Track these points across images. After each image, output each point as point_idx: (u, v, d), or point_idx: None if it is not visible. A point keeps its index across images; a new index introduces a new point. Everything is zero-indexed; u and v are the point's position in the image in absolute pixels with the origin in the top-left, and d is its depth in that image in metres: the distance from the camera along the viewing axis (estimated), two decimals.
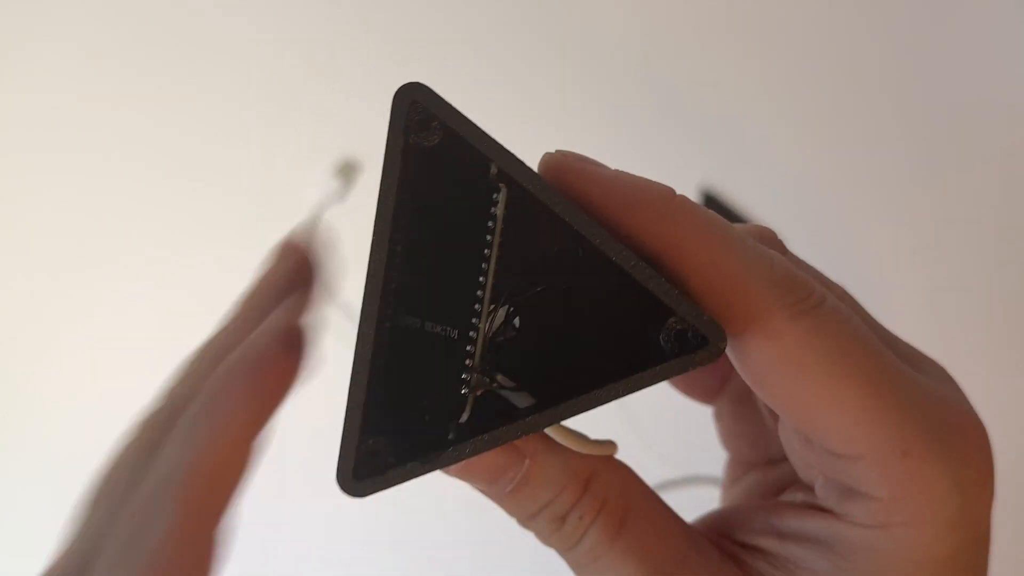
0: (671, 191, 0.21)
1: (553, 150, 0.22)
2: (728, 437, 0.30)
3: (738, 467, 0.29)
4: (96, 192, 0.63)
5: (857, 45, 0.61)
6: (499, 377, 0.20)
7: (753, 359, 0.20)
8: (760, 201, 0.58)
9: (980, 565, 0.21)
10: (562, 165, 0.21)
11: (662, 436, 0.55)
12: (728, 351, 0.21)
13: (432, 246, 0.21)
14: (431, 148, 0.20)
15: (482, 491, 0.22)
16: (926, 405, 0.20)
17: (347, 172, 0.61)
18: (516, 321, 0.21)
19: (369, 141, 0.61)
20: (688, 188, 0.58)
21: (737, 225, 0.23)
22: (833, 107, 0.61)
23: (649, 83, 0.61)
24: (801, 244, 0.28)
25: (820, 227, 0.59)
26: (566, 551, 0.23)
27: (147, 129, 0.64)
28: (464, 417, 0.20)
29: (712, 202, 0.58)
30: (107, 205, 0.63)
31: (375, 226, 0.20)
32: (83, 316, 0.62)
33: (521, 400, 0.21)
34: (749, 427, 0.28)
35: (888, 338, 0.23)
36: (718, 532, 0.24)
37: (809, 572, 0.21)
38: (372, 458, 0.20)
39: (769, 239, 0.24)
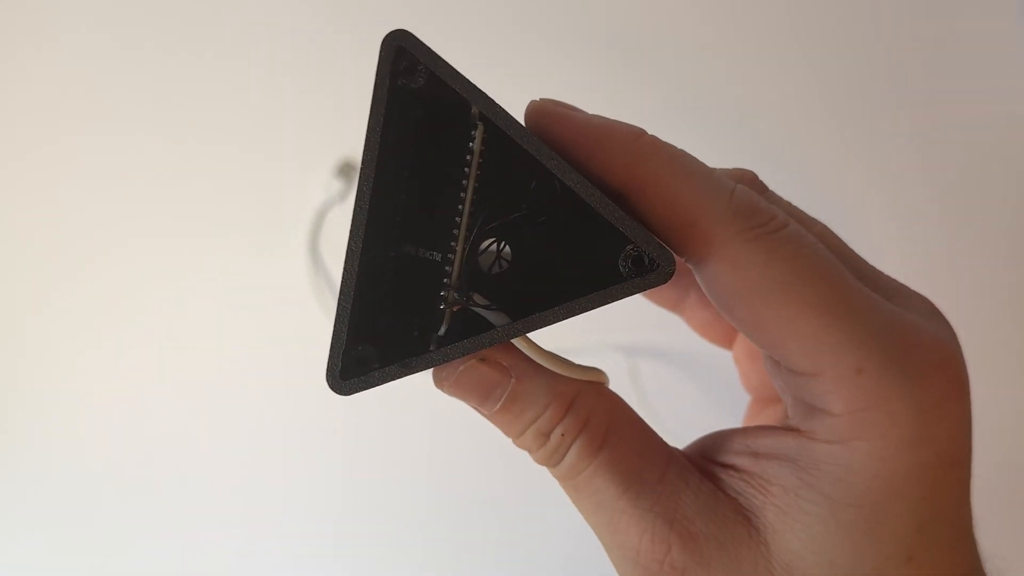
0: (639, 131, 0.23)
1: (537, 99, 0.24)
2: (745, 378, 0.33)
3: (756, 405, 0.32)
4: (96, 192, 0.64)
5: (862, 38, 0.63)
6: (475, 296, 0.22)
7: (716, 284, 0.22)
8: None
9: (948, 488, 0.22)
10: (540, 109, 0.23)
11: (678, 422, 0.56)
12: (699, 278, 0.23)
13: (421, 179, 0.24)
14: (416, 90, 0.22)
15: (476, 409, 0.24)
16: (886, 328, 0.21)
17: (349, 172, 0.63)
18: (503, 247, 0.24)
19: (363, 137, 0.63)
20: None
21: (718, 168, 0.26)
22: (839, 101, 0.62)
23: (654, 67, 0.63)
24: None
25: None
26: (552, 467, 0.25)
27: (147, 129, 0.65)
28: (442, 330, 0.22)
29: None
30: (107, 205, 0.64)
31: (364, 155, 0.22)
32: (83, 316, 0.63)
33: (498, 319, 0.23)
34: (761, 368, 0.30)
35: (865, 270, 0.25)
36: (702, 455, 0.25)
37: (779, 487, 0.22)
38: (359, 362, 0.22)
39: (749, 179, 0.26)
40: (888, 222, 0.60)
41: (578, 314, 0.22)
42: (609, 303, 0.22)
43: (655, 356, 0.59)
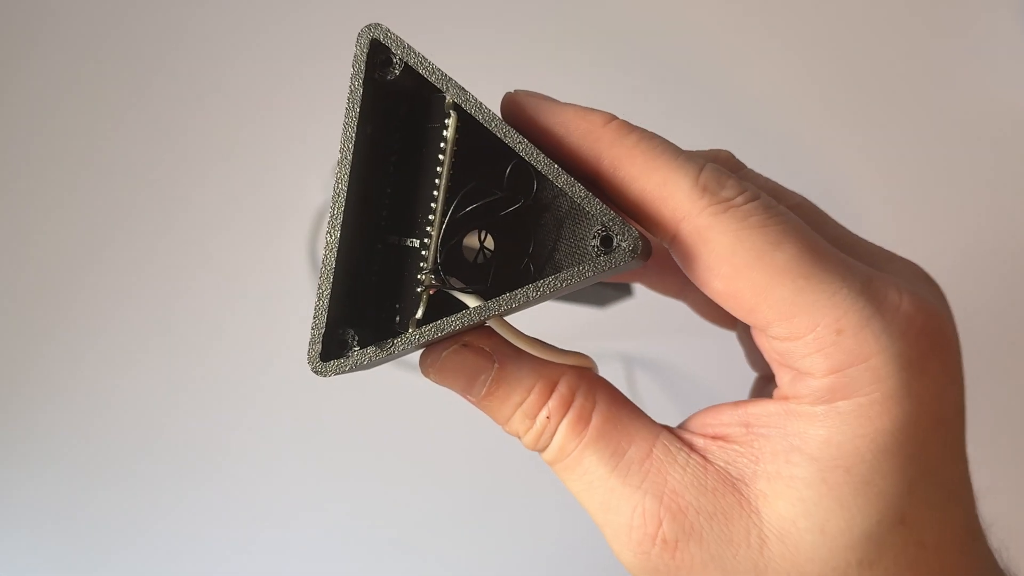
0: (606, 118, 0.23)
1: (514, 89, 0.25)
2: (748, 357, 0.33)
3: (760, 382, 0.32)
4: (97, 192, 0.65)
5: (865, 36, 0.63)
6: (451, 279, 0.23)
7: (690, 259, 0.23)
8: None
9: (937, 445, 0.22)
10: (514, 99, 0.24)
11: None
12: (675, 258, 0.23)
13: (402, 170, 0.25)
14: (392, 81, 0.23)
15: (464, 396, 0.25)
16: (864, 288, 0.21)
17: None
18: (484, 237, 0.24)
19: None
20: None
21: (695, 150, 0.26)
22: (837, 105, 0.63)
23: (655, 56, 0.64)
24: None
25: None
26: (541, 451, 0.25)
27: (148, 129, 0.66)
28: (419, 313, 0.23)
29: None
30: (107, 205, 0.65)
31: (340, 149, 0.23)
32: (83, 316, 0.63)
33: (473, 303, 0.23)
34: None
35: (846, 239, 0.25)
36: (692, 430, 0.25)
37: (769, 454, 0.23)
38: (340, 345, 0.23)
39: (724, 159, 0.26)
40: (889, 225, 0.60)
41: (553, 295, 0.23)
42: (582, 283, 0.22)
43: (651, 363, 0.59)
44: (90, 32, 0.68)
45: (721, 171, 0.23)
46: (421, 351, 0.25)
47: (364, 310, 0.24)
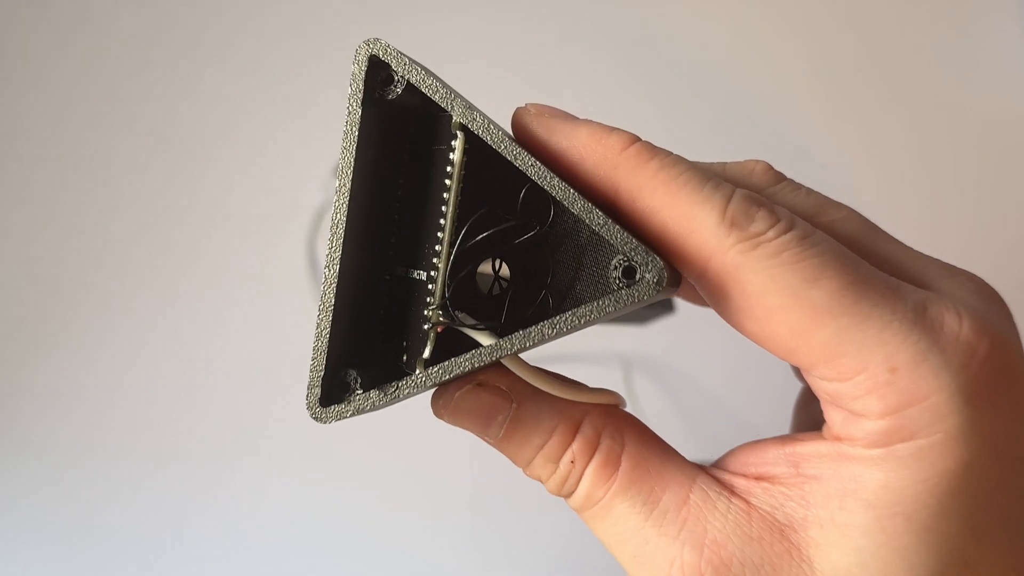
0: (623, 142, 0.21)
1: (523, 103, 0.23)
2: (796, 369, 0.30)
3: (807, 394, 0.29)
4: (98, 192, 0.64)
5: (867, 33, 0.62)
6: (459, 314, 0.21)
7: (719, 299, 0.21)
8: None
9: (1005, 484, 0.20)
10: (525, 118, 0.22)
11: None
12: (702, 294, 0.22)
13: (407, 196, 0.23)
14: (394, 101, 0.21)
15: (481, 438, 0.23)
16: (917, 317, 0.19)
17: None
18: (500, 267, 0.22)
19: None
20: None
21: (729, 163, 0.24)
22: (838, 106, 0.61)
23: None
24: None
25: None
26: (567, 497, 0.23)
27: (148, 129, 0.65)
28: (426, 352, 0.21)
29: None
30: (108, 205, 0.64)
31: (338, 175, 0.21)
32: (84, 316, 0.63)
33: (486, 340, 0.21)
34: None
35: (896, 255, 0.23)
36: (731, 470, 0.23)
37: (821, 498, 0.21)
38: (341, 389, 0.21)
39: (761, 171, 0.24)
40: (888, 225, 0.59)
41: (570, 332, 0.21)
42: (603, 318, 0.21)
43: (653, 367, 0.58)
44: (90, 32, 0.67)
45: (752, 200, 0.21)
46: (433, 390, 0.23)
47: (368, 347, 0.22)
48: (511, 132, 0.22)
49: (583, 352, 0.56)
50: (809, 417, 0.28)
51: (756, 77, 0.62)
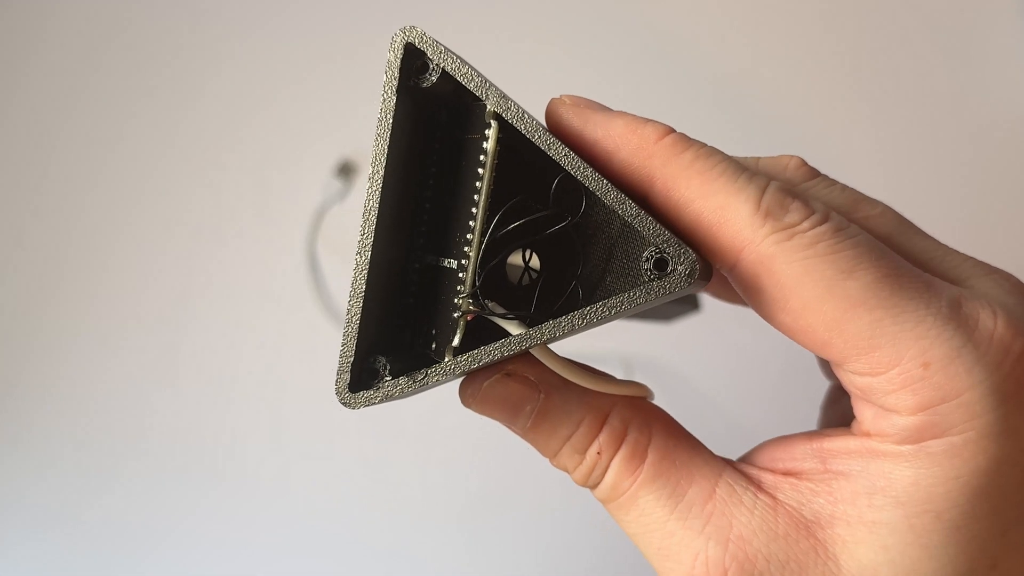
0: (659, 132, 0.21)
1: (559, 95, 0.23)
2: (823, 365, 0.30)
3: (835, 391, 0.29)
4: (98, 192, 0.64)
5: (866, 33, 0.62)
6: (489, 303, 0.21)
7: (752, 290, 0.21)
8: None
9: None
10: (560, 108, 0.22)
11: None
12: (735, 286, 0.21)
13: (439, 184, 0.23)
14: (428, 89, 0.21)
15: (509, 427, 0.23)
16: (953, 314, 0.19)
17: (348, 172, 0.62)
18: (530, 257, 0.22)
19: (368, 141, 0.62)
20: None
21: (763, 157, 0.24)
22: (838, 107, 0.62)
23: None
24: None
25: None
26: (592, 488, 0.23)
27: (148, 129, 0.65)
28: (456, 340, 0.21)
29: None
30: (108, 204, 0.64)
31: (372, 163, 0.21)
32: (84, 315, 0.62)
33: (515, 330, 0.21)
34: None
35: (931, 252, 0.23)
36: (759, 465, 0.23)
37: (849, 494, 0.21)
38: (370, 375, 0.21)
39: (795, 166, 0.24)
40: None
41: (600, 323, 0.21)
42: (634, 309, 0.21)
43: (654, 369, 0.58)
44: (90, 32, 0.66)
45: (786, 192, 0.21)
46: (461, 379, 0.23)
47: (398, 334, 0.22)
48: (544, 123, 0.22)
49: (585, 352, 0.56)
50: (837, 413, 0.28)
51: (756, 78, 0.63)
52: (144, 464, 0.60)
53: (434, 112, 0.22)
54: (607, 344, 0.58)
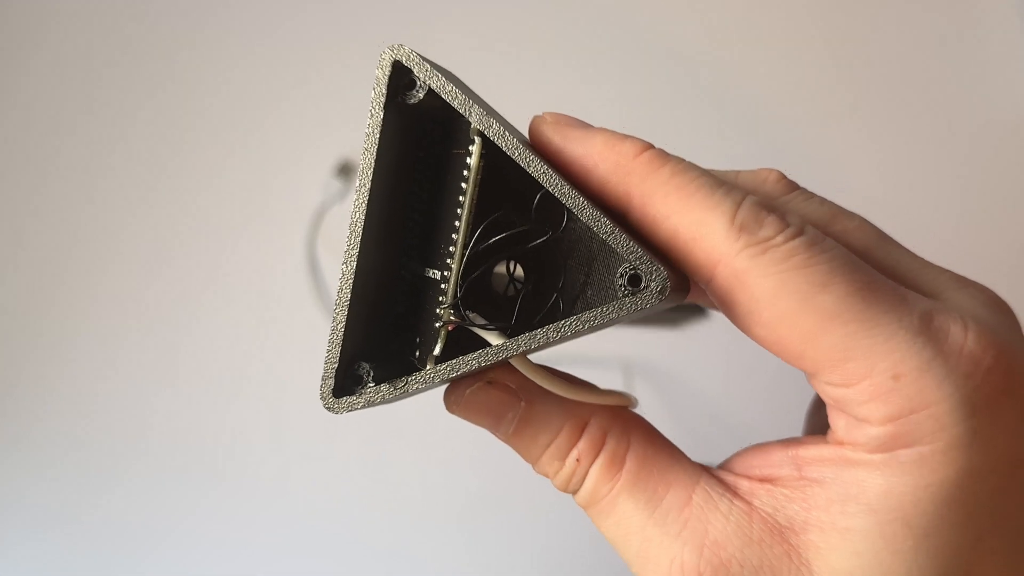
0: (636, 149, 0.22)
1: (541, 112, 0.23)
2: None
3: (819, 399, 0.30)
4: (98, 192, 0.64)
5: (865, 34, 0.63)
6: (470, 314, 0.22)
7: (728, 304, 0.21)
8: None
9: (1009, 493, 0.20)
10: (542, 125, 0.23)
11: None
12: (712, 299, 0.22)
13: (424, 196, 0.23)
14: (415, 105, 0.22)
15: (493, 433, 0.24)
16: (923, 325, 0.20)
17: (347, 172, 0.63)
18: (514, 268, 0.23)
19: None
20: None
21: (742, 171, 0.25)
22: (838, 106, 0.62)
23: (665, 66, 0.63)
24: None
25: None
26: (573, 494, 0.24)
27: (149, 129, 0.65)
28: (437, 350, 0.22)
29: None
30: (108, 204, 0.64)
31: (359, 176, 0.22)
32: (84, 315, 0.63)
33: (495, 340, 0.22)
34: None
35: (907, 264, 0.23)
36: (736, 471, 0.23)
37: (823, 501, 0.21)
38: (354, 381, 0.22)
39: (774, 180, 0.25)
40: (888, 227, 0.59)
41: (575, 336, 0.21)
42: (607, 324, 0.21)
43: (653, 373, 0.58)
44: (90, 30, 0.67)
45: (761, 206, 0.21)
46: (446, 386, 0.24)
47: (383, 341, 0.23)
48: (528, 137, 0.23)
49: (586, 355, 0.56)
50: (820, 422, 0.28)
51: (755, 80, 0.63)
52: (144, 464, 0.60)
53: (425, 125, 0.23)
54: (609, 348, 0.58)
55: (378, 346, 0.23)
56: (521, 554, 0.57)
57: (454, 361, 0.21)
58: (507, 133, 0.21)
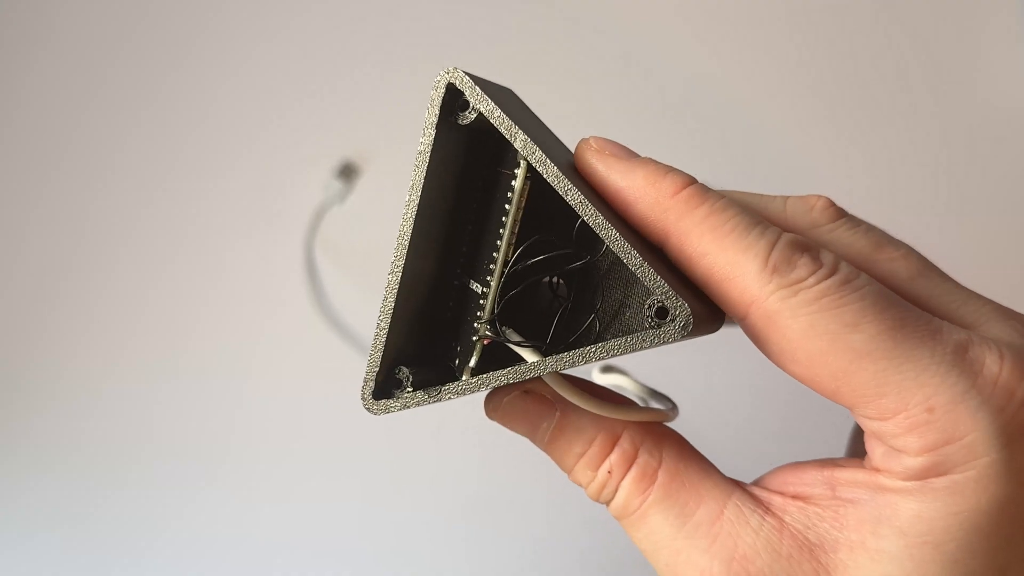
0: (676, 186, 0.22)
1: (589, 135, 0.24)
2: None
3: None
4: (100, 192, 0.64)
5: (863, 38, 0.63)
6: (506, 330, 0.23)
7: (762, 342, 0.22)
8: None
9: None
10: (588, 152, 0.23)
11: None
12: (746, 335, 0.23)
13: (472, 209, 0.24)
14: (466, 126, 0.23)
15: (532, 441, 0.25)
16: (957, 360, 0.20)
17: (348, 174, 0.63)
18: (558, 285, 0.24)
19: (370, 143, 0.63)
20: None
21: (791, 197, 0.25)
22: (838, 106, 0.63)
23: (656, 80, 0.64)
24: None
25: None
26: (606, 504, 0.24)
27: (150, 129, 0.65)
28: (473, 362, 0.23)
29: None
30: (110, 205, 0.64)
31: (409, 190, 0.23)
32: (84, 316, 0.62)
33: (530, 357, 0.23)
34: None
35: (943, 294, 0.24)
36: (770, 488, 0.24)
37: (855, 521, 0.21)
38: (393, 384, 0.23)
39: (822, 207, 0.25)
40: (888, 227, 0.59)
41: (594, 360, 0.22)
42: (631, 351, 0.22)
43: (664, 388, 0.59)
44: (89, 29, 0.67)
45: (795, 246, 0.22)
46: (488, 391, 0.25)
47: (427, 344, 0.24)
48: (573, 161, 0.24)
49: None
50: (860, 447, 0.29)
51: (755, 81, 0.64)
52: (143, 464, 0.60)
53: (478, 141, 0.24)
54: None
55: (421, 349, 0.24)
56: (522, 554, 0.58)
57: (486, 375, 0.22)
58: (549, 161, 0.22)
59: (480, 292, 0.23)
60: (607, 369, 0.35)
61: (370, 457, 0.60)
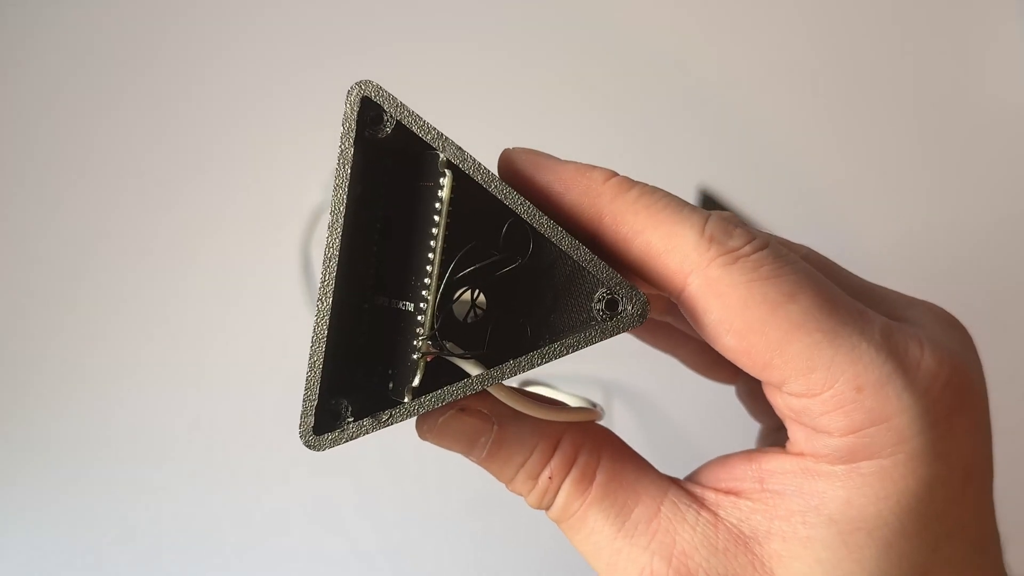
0: (605, 175, 0.23)
1: (511, 147, 0.24)
2: (752, 411, 0.32)
3: (767, 433, 0.31)
4: (97, 192, 0.65)
5: (861, 38, 0.62)
6: (448, 344, 0.22)
7: (699, 313, 0.22)
8: (759, 202, 0.59)
9: (965, 502, 0.21)
10: (512, 156, 0.24)
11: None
12: (683, 311, 0.23)
13: (394, 229, 0.24)
14: (384, 139, 0.22)
15: (467, 457, 0.25)
16: (885, 343, 0.20)
17: None
18: (477, 295, 0.23)
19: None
20: (687, 189, 0.59)
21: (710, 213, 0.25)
22: (838, 105, 0.62)
23: (652, 80, 0.63)
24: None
25: (821, 229, 0.59)
26: (546, 510, 0.24)
27: (148, 129, 0.65)
28: (415, 381, 0.22)
29: (710, 202, 0.60)
30: (107, 205, 0.64)
31: (331, 212, 0.22)
32: (80, 316, 0.63)
33: (473, 369, 0.22)
34: (764, 399, 0.30)
35: (860, 286, 0.24)
36: (703, 483, 0.24)
37: (784, 512, 0.22)
38: (333, 416, 0.22)
39: (727, 216, 0.25)
40: (888, 237, 0.59)
41: (553, 359, 0.22)
42: (585, 347, 0.22)
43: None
44: (89, 30, 0.67)
45: (728, 220, 0.22)
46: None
47: (356, 375, 0.24)
48: (496, 170, 0.23)
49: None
50: (772, 441, 0.29)
51: (754, 80, 0.63)
52: (142, 464, 0.61)
53: (386, 160, 0.23)
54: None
55: (352, 379, 0.23)
56: (522, 554, 0.58)
57: (438, 392, 0.22)
58: (480, 165, 0.21)
59: (413, 310, 0.23)
60: (528, 384, 0.35)
61: (370, 457, 0.60)
